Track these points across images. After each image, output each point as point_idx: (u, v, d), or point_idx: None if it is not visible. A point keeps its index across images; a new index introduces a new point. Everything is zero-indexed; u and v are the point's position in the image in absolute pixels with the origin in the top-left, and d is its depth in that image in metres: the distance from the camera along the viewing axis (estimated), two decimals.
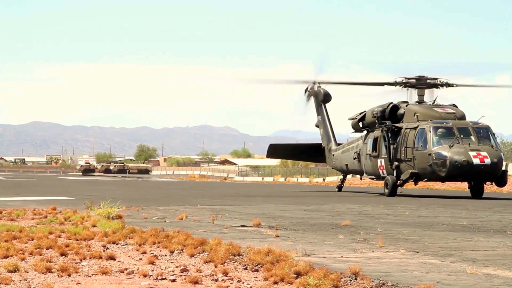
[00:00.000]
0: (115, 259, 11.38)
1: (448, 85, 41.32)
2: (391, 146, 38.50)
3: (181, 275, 9.85)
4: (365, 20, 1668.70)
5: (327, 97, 49.74)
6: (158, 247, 12.71)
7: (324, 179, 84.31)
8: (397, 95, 41.78)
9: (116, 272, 10.17)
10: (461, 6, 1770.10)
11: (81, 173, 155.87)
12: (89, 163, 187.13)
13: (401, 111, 39.55)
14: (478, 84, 45.44)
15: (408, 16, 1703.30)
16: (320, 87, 49.37)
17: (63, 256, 11.59)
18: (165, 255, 11.79)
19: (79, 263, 10.93)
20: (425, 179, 37.43)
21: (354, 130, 43.88)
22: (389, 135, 38.65)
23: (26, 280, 9.35)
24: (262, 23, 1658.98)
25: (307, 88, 49.65)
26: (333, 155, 47.74)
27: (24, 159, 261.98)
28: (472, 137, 35.80)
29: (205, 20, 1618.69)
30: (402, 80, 41.55)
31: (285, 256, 10.40)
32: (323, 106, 49.93)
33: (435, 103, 39.91)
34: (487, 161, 34.74)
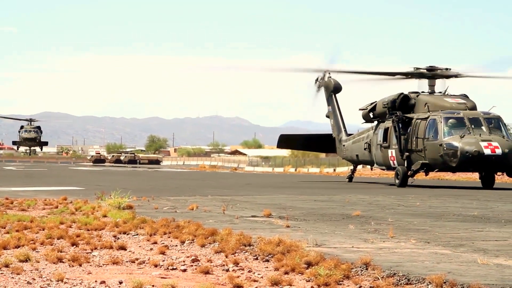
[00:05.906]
0: (126, 249, 11.40)
1: (459, 75, 41.17)
2: (402, 137, 38.40)
3: (192, 265, 9.86)
4: (376, 11, 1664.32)
5: (337, 88, 49.61)
6: (169, 237, 12.72)
7: (334, 170, 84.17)
8: (408, 85, 41.71)
9: (127, 262, 10.19)
10: None
11: (91, 164, 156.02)
12: (99, 153, 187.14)
13: (412, 101, 39.44)
14: (490, 75, 45.20)
15: (420, 7, 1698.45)
16: (330, 77, 49.29)
17: (74, 246, 11.62)
18: (176, 245, 11.80)
19: (90, 253, 10.96)
20: (436, 170, 37.33)
21: (364, 121, 43.80)
22: (400, 126, 38.53)
23: (37, 270, 9.37)
24: (274, 14, 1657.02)
25: (317, 79, 49.60)
26: (344, 145, 47.67)
27: (35, 149, 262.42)
28: (483, 128, 35.69)
29: (217, 11, 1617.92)
30: (413, 70, 41.41)
31: (295, 246, 10.40)
32: (333, 96, 49.83)
33: (446, 93, 39.81)
34: (498, 151, 34.62)
